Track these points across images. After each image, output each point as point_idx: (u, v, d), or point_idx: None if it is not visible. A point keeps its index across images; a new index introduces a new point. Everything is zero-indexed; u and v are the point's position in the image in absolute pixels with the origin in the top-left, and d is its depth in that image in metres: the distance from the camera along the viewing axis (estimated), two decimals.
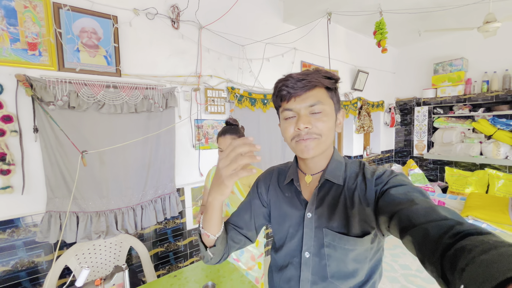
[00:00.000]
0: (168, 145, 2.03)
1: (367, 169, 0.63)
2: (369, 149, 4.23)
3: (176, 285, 1.21)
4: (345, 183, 0.62)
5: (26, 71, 1.48)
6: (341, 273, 0.61)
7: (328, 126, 0.60)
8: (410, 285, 2.27)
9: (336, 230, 0.60)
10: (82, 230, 1.63)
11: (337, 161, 0.66)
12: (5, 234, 1.46)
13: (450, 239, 0.36)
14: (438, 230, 0.39)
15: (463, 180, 3.58)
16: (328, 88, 0.62)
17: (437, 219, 0.40)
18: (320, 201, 0.63)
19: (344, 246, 0.59)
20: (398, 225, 0.45)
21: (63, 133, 1.55)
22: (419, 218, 0.42)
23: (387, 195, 0.53)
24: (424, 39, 3.99)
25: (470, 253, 0.31)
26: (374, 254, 0.62)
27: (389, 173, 0.59)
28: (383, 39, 2.55)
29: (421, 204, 0.45)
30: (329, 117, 0.60)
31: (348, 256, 0.59)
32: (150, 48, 1.94)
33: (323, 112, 0.59)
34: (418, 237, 0.40)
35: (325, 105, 0.60)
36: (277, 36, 2.68)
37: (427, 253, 0.38)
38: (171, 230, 2.14)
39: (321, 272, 0.62)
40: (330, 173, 0.64)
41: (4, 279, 1.47)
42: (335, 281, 0.61)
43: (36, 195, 1.55)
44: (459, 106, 3.72)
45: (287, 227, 0.69)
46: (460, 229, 0.37)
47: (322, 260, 0.62)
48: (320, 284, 0.62)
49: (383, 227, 0.53)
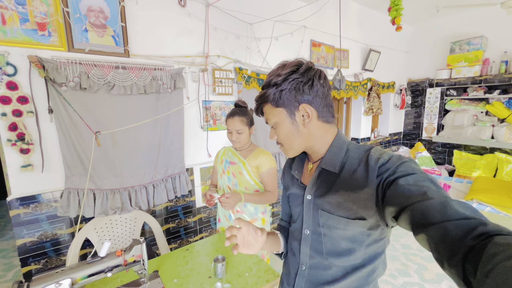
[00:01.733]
0: (177, 126, 2.07)
1: (372, 155, 0.59)
2: (377, 131, 4.19)
3: (188, 258, 1.30)
4: (344, 170, 0.63)
5: (37, 52, 1.50)
6: (334, 250, 0.66)
7: (284, 134, 0.68)
8: (410, 263, 2.36)
9: (329, 212, 0.64)
10: (99, 206, 1.74)
11: (337, 147, 0.67)
12: (29, 209, 1.57)
13: (473, 241, 0.35)
14: (459, 231, 0.37)
15: (471, 164, 3.55)
16: (271, 101, 0.69)
17: (456, 217, 0.39)
18: (318, 186, 0.68)
19: (337, 226, 0.63)
20: (411, 220, 0.44)
21: (76, 114, 1.60)
22: (435, 215, 0.40)
23: (396, 185, 0.50)
24: (442, 16, 3.76)
25: (494, 258, 0.30)
26: (374, 242, 0.64)
27: (396, 160, 0.55)
28: (398, 16, 2.41)
29: (436, 198, 0.43)
30: (282, 126, 0.68)
31: (341, 236, 0.64)
32: (157, 28, 1.91)
33: (275, 124, 0.69)
34: (436, 237, 0.39)
35: (274, 117, 0.69)
36: (287, 13, 2.58)
37: (446, 254, 0.37)
38: (182, 207, 2.24)
39: (318, 248, 0.69)
40: (326, 162, 0.66)
41: (32, 248, 1.60)
42: (329, 257, 0.67)
43: (55, 173, 1.64)
44: (474, 88, 3.59)
45: (295, 207, 0.76)
46: (483, 230, 0.35)
47: (319, 237, 0.68)
48: (316, 258, 0.69)
49: (388, 218, 0.52)
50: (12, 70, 1.45)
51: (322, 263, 0.68)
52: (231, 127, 1.40)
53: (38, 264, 1.63)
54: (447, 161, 4.03)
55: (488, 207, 2.49)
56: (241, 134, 1.41)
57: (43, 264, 1.65)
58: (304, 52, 2.84)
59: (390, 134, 4.33)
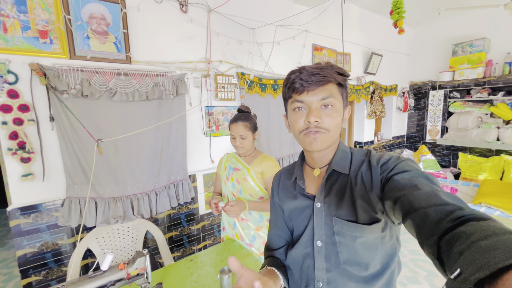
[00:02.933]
0: (179, 133, 2.04)
1: (373, 156, 0.63)
2: (380, 135, 4.16)
3: (193, 269, 1.26)
4: (351, 172, 0.64)
5: (39, 59, 1.49)
6: (353, 260, 0.62)
7: (336, 122, 0.62)
8: (419, 270, 2.30)
9: (344, 218, 0.61)
10: (100, 215, 1.70)
11: (343, 151, 0.68)
12: (30, 219, 1.54)
13: (449, 223, 0.37)
14: (438, 214, 0.39)
15: (477, 167, 3.50)
16: (340, 84, 0.63)
17: (438, 203, 0.41)
18: (328, 191, 0.65)
19: (353, 233, 0.60)
20: (401, 209, 0.46)
21: (77, 122, 1.58)
22: (420, 202, 0.43)
23: (392, 181, 0.54)
24: (443, 18, 3.76)
25: (469, 238, 0.31)
26: (387, 243, 0.62)
27: (395, 159, 0.59)
28: (400, 19, 2.40)
29: (424, 189, 0.46)
30: (338, 113, 0.62)
31: (357, 243, 0.61)
32: (159, 34, 1.90)
33: (333, 107, 0.61)
34: (418, 221, 0.41)
35: (336, 101, 0.61)
36: (288, 18, 2.58)
37: (425, 235, 0.39)
38: (185, 215, 2.20)
39: (334, 259, 0.64)
40: (336, 164, 0.66)
41: (33, 259, 1.56)
42: (348, 267, 0.63)
43: (56, 182, 1.61)
44: (478, 90, 3.57)
45: (300, 222, 0.71)
46: (460, 214, 0.37)
47: (334, 247, 0.63)
48: (334, 271, 0.64)
49: (390, 213, 0.54)
50: (13, 78, 1.43)
51: (340, 276, 0.64)
52: (235, 133, 1.37)
53: (39, 276, 1.59)
54: (452, 164, 3.98)
55: (498, 211, 2.44)
56: (244, 140, 1.38)
57: (43, 275, 1.61)
58: (306, 56, 2.82)
59: (394, 137, 4.30)
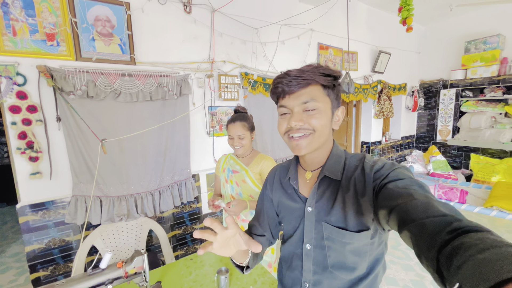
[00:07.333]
0: (183, 132, 2.06)
1: (367, 162, 0.62)
2: (388, 135, 4.07)
3: (192, 268, 1.28)
4: (344, 178, 0.63)
5: (46, 61, 1.53)
6: (340, 264, 0.63)
7: (322, 122, 0.61)
8: (425, 274, 2.24)
9: (334, 224, 0.62)
10: (105, 213, 1.74)
11: (336, 155, 0.67)
12: (38, 216, 1.59)
13: (447, 235, 0.36)
14: (436, 226, 0.39)
15: (490, 168, 3.38)
16: (324, 85, 0.62)
17: (436, 214, 0.41)
18: (319, 196, 0.65)
19: (342, 239, 0.61)
20: (397, 219, 0.46)
21: (83, 122, 1.62)
22: (418, 213, 0.42)
23: (386, 189, 0.53)
24: (455, 15, 3.64)
25: (467, 251, 0.31)
26: (375, 249, 0.63)
27: (389, 166, 0.58)
28: (409, 16, 2.34)
29: (420, 199, 0.45)
30: (324, 114, 0.61)
31: (346, 249, 0.62)
32: (163, 35, 1.92)
33: (317, 110, 0.60)
34: (416, 232, 0.41)
35: (319, 103, 0.60)
36: (293, 17, 2.55)
37: (424, 247, 0.38)
38: (188, 214, 2.22)
39: (322, 263, 0.65)
40: (328, 169, 0.65)
41: (41, 255, 1.62)
42: (335, 271, 0.64)
43: (62, 180, 1.66)
44: (491, 89, 3.44)
45: (291, 221, 0.72)
46: (458, 226, 0.37)
47: (322, 251, 0.65)
48: (321, 274, 0.66)
49: (383, 221, 0.53)
50: (22, 80, 1.48)
51: (327, 278, 0.66)
52: (233, 133, 1.38)
53: (46, 271, 1.65)
54: (464, 165, 3.86)
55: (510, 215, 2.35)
56: (243, 139, 1.38)
57: (51, 270, 1.66)
58: (311, 56, 2.79)
59: (402, 137, 4.20)
